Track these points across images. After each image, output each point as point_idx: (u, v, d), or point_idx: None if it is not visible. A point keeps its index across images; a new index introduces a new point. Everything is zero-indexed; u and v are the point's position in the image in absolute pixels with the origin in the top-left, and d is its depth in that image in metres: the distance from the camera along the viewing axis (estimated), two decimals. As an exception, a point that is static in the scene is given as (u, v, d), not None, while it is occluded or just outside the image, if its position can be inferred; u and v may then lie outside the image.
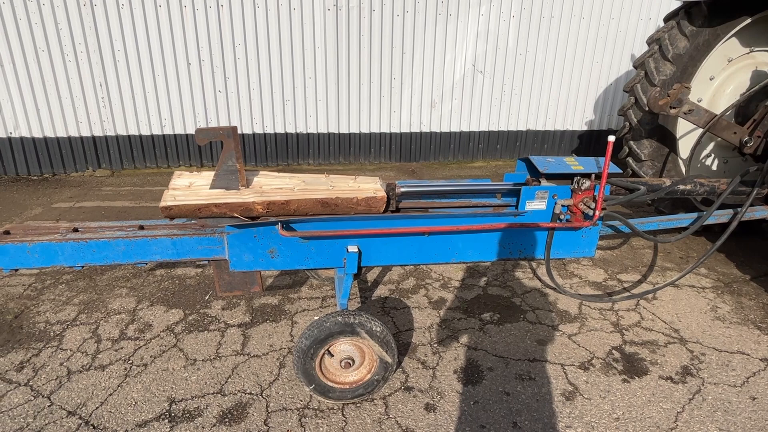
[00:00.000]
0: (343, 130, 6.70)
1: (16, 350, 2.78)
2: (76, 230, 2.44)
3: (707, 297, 3.49)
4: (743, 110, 3.75)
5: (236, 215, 2.20)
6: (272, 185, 2.39)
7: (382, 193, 2.34)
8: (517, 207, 2.52)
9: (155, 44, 5.80)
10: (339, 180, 2.53)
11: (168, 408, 2.38)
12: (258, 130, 6.46)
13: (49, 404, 2.39)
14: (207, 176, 2.41)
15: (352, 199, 2.28)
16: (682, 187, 2.98)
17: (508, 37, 6.63)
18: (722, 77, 3.92)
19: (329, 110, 6.54)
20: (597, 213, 2.41)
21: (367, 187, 2.42)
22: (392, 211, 2.47)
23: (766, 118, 3.34)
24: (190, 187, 2.34)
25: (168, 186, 2.34)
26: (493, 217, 2.49)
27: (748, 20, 3.54)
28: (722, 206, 3.39)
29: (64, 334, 2.93)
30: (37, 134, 5.87)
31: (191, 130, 6.29)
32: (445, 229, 2.43)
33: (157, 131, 6.21)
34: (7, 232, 2.33)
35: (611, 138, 2.28)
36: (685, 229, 3.01)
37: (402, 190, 2.47)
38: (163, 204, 2.15)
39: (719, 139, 3.77)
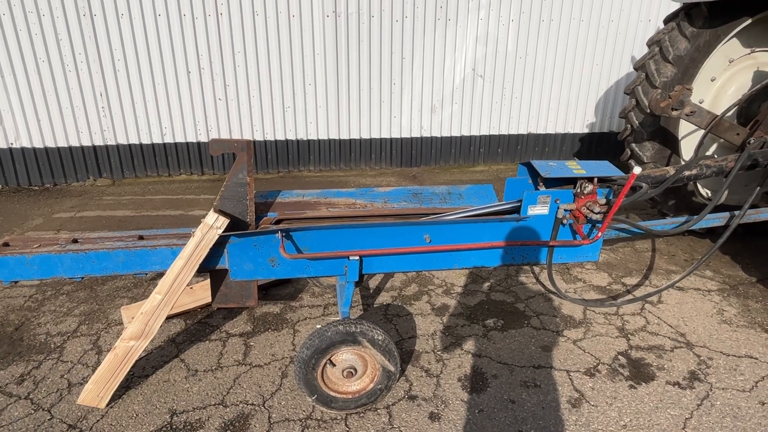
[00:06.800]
0: (344, 136, 6.70)
1: (17, 363, 2.75)
2: (75, 241, 2.43)
3: (713, 300, 3.45)
4: (746, 111, 3.73)
5: None
6: None
7: None
8: (519, 212, 2.49)
9: (155, 53, 5.81)
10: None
11: (169, 420, 2.36)
12: (258, 137, 6.46)
13: (49, 417, 2.37)
14: None
15: None
16: (687, 173, 2.88)
17: (507, 40, 6.63)
18: (724, 78, 3.89)
19: (329, 116, 6.54)
20: (599, 234, 2.43)
21: None
22: None
23: (769, 118, 3.31)
24: None
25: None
26: (496, 223, 2.46)
27: (749, 21, 3.52)
28: (725, 208, 3.35)
29: (64, 346, 2.91)
30: (38, 144, 5.88)
31: (192, 138, 6.30)
32: (442, 248, 2.42)
33: (157, 140, 6.22)
34: (6, 244, 2.31)
35: (637, 170, 2.24)
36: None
37: None
38: None
39: (722, 140, 3.74)
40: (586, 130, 7.41)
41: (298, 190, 2.76)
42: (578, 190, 2.42)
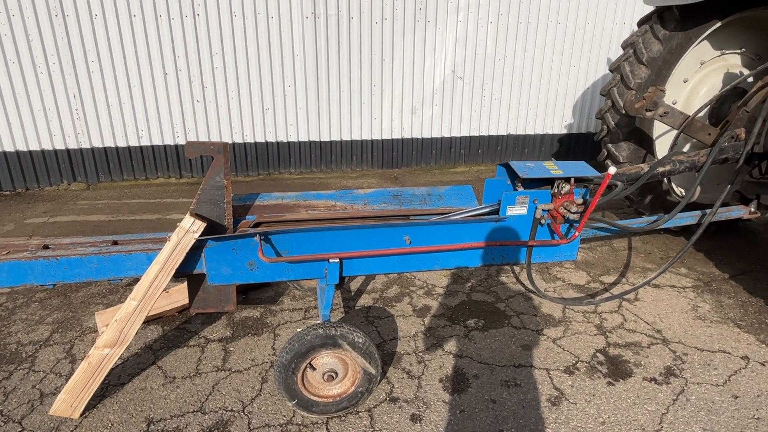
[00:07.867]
0: (324, 138, 6.67)
1: (-14, 373, 2.67)
2: (46, 247, 2.36)
3: (688, 296, 3.52)
4: (717, 112, 3.82)
5: None
6: None
7: None
8: (498, 212, 2.51)
9: (130, 54, 5.70)
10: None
11: (146, 429, 2.30)
12: (238, 139, 6.39)
13: (20, 429, 2.29)
14: None
15: None
16: (661, 169, 2.96)
17: (486, 43, 6.68)
18: (695, 80, 3.99)
19: (310, 118, 6.50)
20: (576, 233, 2.47)
21: None
22: None
23: (738, 119, 3.40)
24: None
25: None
26: (475, 224, 2.47)
27: (719, 24, 3.62)
28: (698, 207, 3.43)
29: (36, 355, 2.82)
30: (9, 148, 5.71)
31: (169, 141, 6.19)
32: (423, 250, 2.43)
33: (133, 143, 6.10)
34: (-28, 252, 2.24)
35: (612, 170, 2.30)
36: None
37: None
38: None
39: (694, 140, 3.83)
40: (564, 131, 7.51)
41: (277, 192, 2.74)
42: (556, 191, 2.45)
